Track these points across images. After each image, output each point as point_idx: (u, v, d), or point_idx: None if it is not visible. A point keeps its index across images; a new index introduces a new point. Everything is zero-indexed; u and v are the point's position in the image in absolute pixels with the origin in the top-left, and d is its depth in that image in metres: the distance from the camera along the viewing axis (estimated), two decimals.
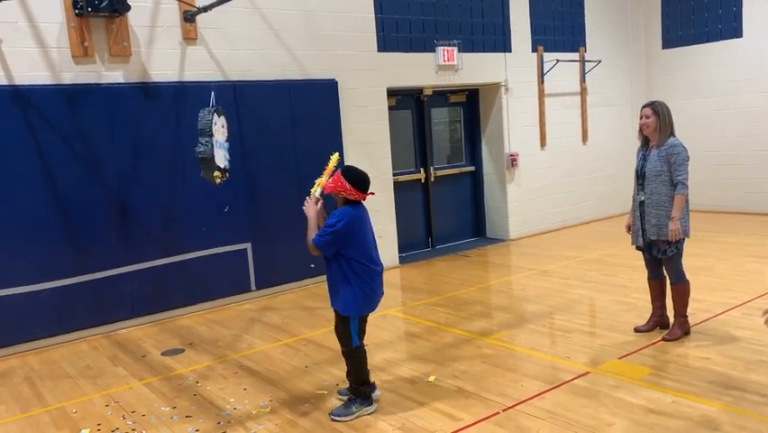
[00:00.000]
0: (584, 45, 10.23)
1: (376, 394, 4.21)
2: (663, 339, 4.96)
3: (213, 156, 5.18)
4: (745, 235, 8.63)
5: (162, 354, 5.57)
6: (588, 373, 4.48)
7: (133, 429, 4.10)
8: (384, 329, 5.69)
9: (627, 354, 4.75)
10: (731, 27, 10.06)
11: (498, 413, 3.95)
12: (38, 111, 5.82)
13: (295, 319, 6.28)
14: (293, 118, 7.28)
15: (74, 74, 6.04)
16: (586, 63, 10.14)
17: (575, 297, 6.39)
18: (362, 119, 7.92)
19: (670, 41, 10.88)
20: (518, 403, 4.07)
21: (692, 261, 7.28)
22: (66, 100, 5.97)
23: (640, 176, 4.92)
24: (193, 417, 4.23)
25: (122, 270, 6.27)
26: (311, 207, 4.02)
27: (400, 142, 8.78)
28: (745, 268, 6.91)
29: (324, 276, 4.16)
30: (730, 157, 10.26)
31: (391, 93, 8.36)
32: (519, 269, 8.07)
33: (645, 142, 4.96)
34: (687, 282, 4.97)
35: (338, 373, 4.79)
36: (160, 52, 6.47)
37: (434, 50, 8.52)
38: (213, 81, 6.72)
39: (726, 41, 10.15)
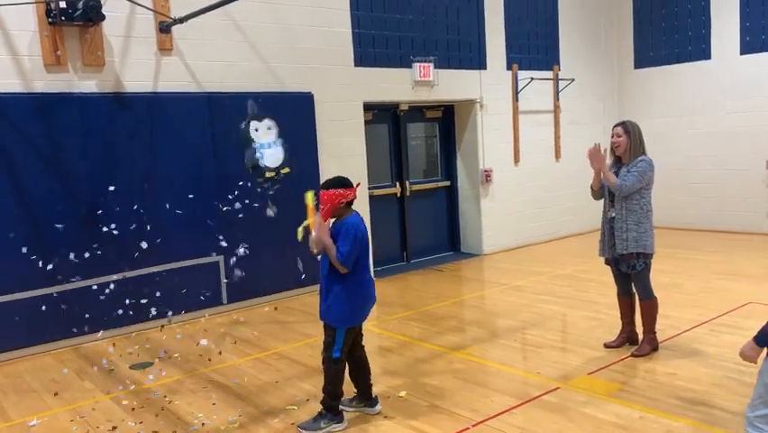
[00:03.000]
0: (558, 64, 10.39)
1: (377, 408, 4.21)
2: (632, 355, 5.01)
3: (257, 160, 5.27)
4: (713, 253, 8.80)
5: (131, 367, 5.48)
6: (558, 388, 4.51)
7: None
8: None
9: (597, 370, 4.80)
10: (700, 49, 10.31)
11: (468, 429, 3.95)
12: (8, 119, 5.74)
13: (266, 334, 6.23)
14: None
15: (45, 82, 5.97)
16: (560, 81, 10.30)
17: (546, 312, 6.44)
18: (338, 133, 7.94)
19: (642, 61, 11.11)
20: (488, 418, 4.08)
21: (660, 277, 7.39)
22: (37, 109, 5.89)
23: (611, 193, 4.98)
24: (160, 432, 4.16)
25: (91, 281, 6.16)
26: (321, 236, 3.87)
27: (376, 156, 8.81)
28: (712, 285, 7.03)
29: (292, 290, 4.13)
30: (699, 176, 10.47)
31: (368, 107, 8.40)
32: (492, 284, 8.12)
33: (617, 161, 5.03)
34: (655, 299, 5.04)
35: (309, 387, 4.76)
36: (134, 62, 6.43)
37: (410, 66, 8.59)
38: (187, 92, 6.70)
39: (695, 63, 10.39)
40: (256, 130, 5.27)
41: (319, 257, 4.03)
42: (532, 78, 9.81)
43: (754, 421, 2.86)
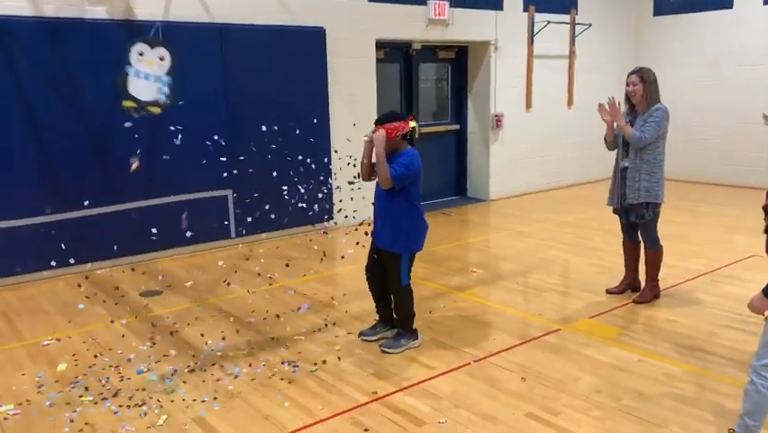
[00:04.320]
0: (576, 7, 10.14)
1: (416, 342, 4.37)
2: (634, 301, 5.09)
3: (126, 85, 5.03)
4: (724, 207, 8.79)
5: (140, 294, 5.60)
6: (558, 330, 4.60)
7: (110, 366, 4.15)
8: (362, 280, 5.74)
9: (598, 315, 4.88)
10: None
11: (470, 363, 4.06)
12: (17, 42, 5.68)
13: (274, 267, 6.32)
14: (279, 64, 7.18)
15: (56, 6, 5.87)
16: (576, 26, 10.07)
17: (550, 257, 6.51)
18: (349, 70, 7.84)
19: (661, 8, 10.84)
20: (490, 355, 4.18)
21: (667, 227, 7.40)
22: (47, 34, 5.82)
23: (625, 142, 4.95)
24: (169, 356, 4.29)
25: (103, 210, 6.23)
26: (377, 140, 4.01)
27: (386, 95, 8.70)
28: (719, 237, 7.06)
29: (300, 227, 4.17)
30: (714, 128, 10.36)
31: (380, 45, 8.26)
32: (497, 228, 8.17)
33: (631, 109, 4.97)
34: (661, 248, 5.08)
35: (316, 319, 4.87)
36: None
37: (425, 4, 8.40)
38: (198, 22, 6.59)
39: (716, 12, 10.13)
40: (140, 54, 5.09)
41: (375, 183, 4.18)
42: (548, 22, 9.60)
43: (759, 370, 2.92)
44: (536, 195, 10.03)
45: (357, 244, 4.89)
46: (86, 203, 6.08)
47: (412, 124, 4.18)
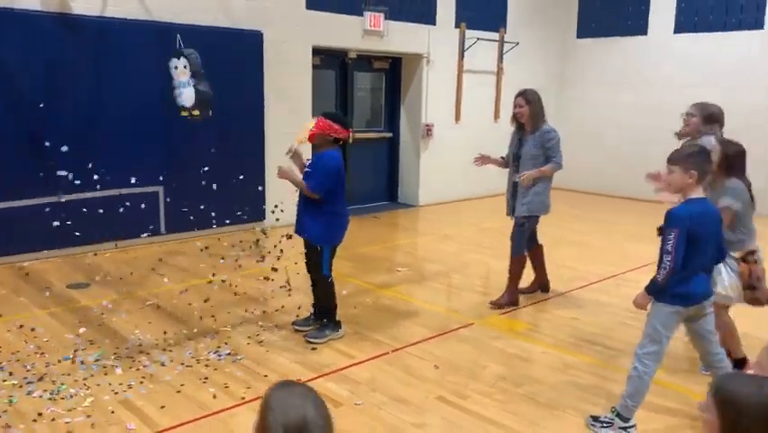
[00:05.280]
0: (505, 27, 10.68)
1: (340, 333, 4.60)
2: (490, 303, 5.30)
3: (175, 96, 5.34)
4: (625, 216, 9.47)
5: (67, 286, 5.61)
6: (473, 324, 4.95)
7: (36, 352, 4.20)
8: (294, 276, 5.94)
9: (509, 311, 5.26)
10: (638, 24, 10.80)
11: (388, 353, 4.34)
12: None
13: (203, 263, 6.42)
14: (217, 65, 7.28)
15: None
16: (505, 44, 10.60)
17: (472, 260, 6.89)
18: (286, 74, 8.03)
19: (584, 31, 11.55)
20: (407, 346, 4.48)
21: (573, 235, 7.99)
22: None
23: (516, 158, 5.26)
24: (96, 343, 4.37)
25: (30, 201, 6.18)
26: (286, 173, 4.34)
27: (322, 101, 8.93)
28: (621, 245, 7.62)
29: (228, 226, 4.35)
30: (624, 145, 11.07)
31: (316, 52, 8.50)
32: (425, 233, 8.52)
33: (520, 127, 5.26)
34: (524, 257, 5.34)
35: (241, 312, 5.04)
36: None
37: (361, 15, 8.70)
38: (136, 20, 6.65)
39: (633, 37, 10.88)
40: (175, 68, 5.44)
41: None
42: (478, 39, 10.08)
43: (642, 357, 3.32)
44: (463, 202, 10.46)
45: (290, 237, 4.99)
46: (14, 194, 6.06)
47: (348, 138, 4.44)
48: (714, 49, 9.98)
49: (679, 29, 10.38)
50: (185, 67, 5.45)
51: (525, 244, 5.34)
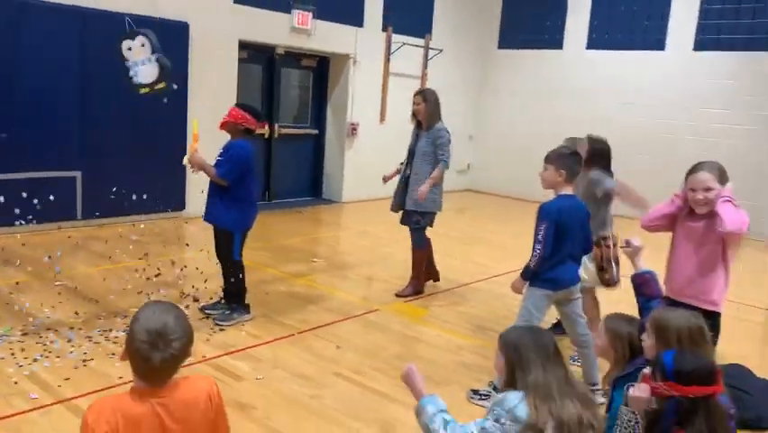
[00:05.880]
0: (430, 33, 11.10)
1: (247, 317, 4.79)
2: (396, 294, 5.62)
3: (131, 76, 5.36)
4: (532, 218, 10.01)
5: None
6: (377, 310, 5.26)
7: None
8: (206, 263, 6.08)
9: (413, 300, 5.60)
10: (555, 38, 11.45)
11: (294, 334, 4.59)
12: None
13: (119, 249, 6.47)
14: None
15: None
16: (429, 50, 11.03)
17: (385, 254, 7.21)
18: (211, 67, 8.13)
19: (505, 42, 12.13)
20: (313, 328, 4.74)
21: (486, 234, 8.45)
22: None
23: (411, 153, 5.60)
24: (3, 320, 4.41)
25: None
26: (197, 161, 4.50)
27: (247, 95, 9.06)
28: (528, 244, 8.11)
29: (143, 214, 4.49)
30: (536, 154, 11.67)
31: (243, 46, 8.63)
32: (345, 227, 8.81)
33: (419, 125, 5.57)
34: (425, 251, 5.71)
35: (156, 295, 5.16)
36: None
37: (289, 12, 8.90)
38: (59, 3, 6.63)
39: (549, 50, 11.53)
40: (129, 49, 5.51)
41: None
42: (404, 43, 10.45)
43: None
44: (385, 201, 10.70)
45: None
46: None
47: (261, 130, 4.66)
48: (620, 65, 10.70)
49: (591, 45, 11.08)
50: (142, 45, 5.50)
51: (425, 238, 5.68)
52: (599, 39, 10.99)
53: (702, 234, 3.21)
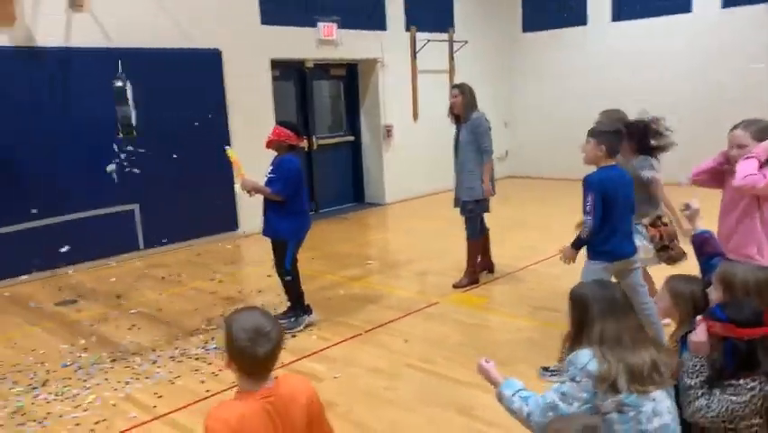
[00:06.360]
0: (452, 27, 11.20)
1: (313, 315, 5.02)
2: (453, 286, 5.76)
3: (131, 118, 5.67)
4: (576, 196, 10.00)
5: (55, 304, 5.92)
6: (437, 303, 5.41)
7: (36, 363, 4.54)
8: (265, 278, 6.32)
9: (469, 290, 5.73)
10: (577, 14, 11.41)
11: (361, 334, 4.77)
12: None
13: (182, 273, 6.79)
14: (179, 86, 7.66)
15: None
16: (454, 43, 11.13)
17: (435, 249, 7.34)
18: (246, 88, 8.40)
19: (528, 25, 12.14)
20: (378, 326, 4.92)
21: (534, 219, 8.50)
22: None
23: (456, 148, 5.76)
24: (91, 350, 4.72)
25: (9, 228, 6.46)
26: (250, 184, 4.78)
27: (283, 111, 9.32)
28: (574, 222, 8.15)
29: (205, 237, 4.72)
30: (569, 131, 11.61)
31: (275, 64, 8.89)
32: (392, 228, 8.98)
33: (457, 120, 5.75)
34: (479, 241, 5.85)
35: (225, 311, 5.41)
36: (45, 18, 6.65)
37: (315, 26, 9.13)
38: (99, 47, 6.98)
39: (573, 28, 11.49)
40: (126, 89, 5.91)
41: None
42: (428, 40, 10.58)
43: None
44: (428, 197, 10.91)
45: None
46: None
47: (302, 144, 4.89)
48: (649, 34, 10.61)
49: (616, 17, 11.01)
50: (130, 90, 5.86)
51: (479, 228, 5.81)
52: (624, 10, 10.92)
53: (737, 190, 3.28)
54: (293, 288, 4.95)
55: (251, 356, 1.87)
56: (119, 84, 5.78)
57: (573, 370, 2.19)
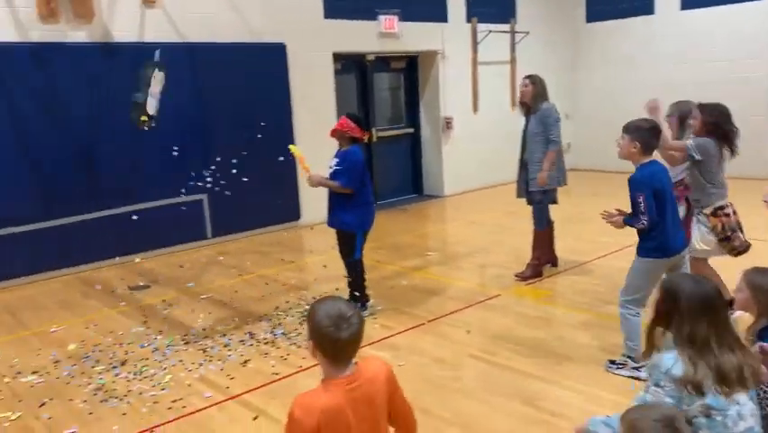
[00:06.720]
0: (514, 17, 11.08)
1: (369, 303, 5.14)
2: (515, 275, 5.77)
3: (145, 103, 5.79)
4: None
5: (130, 288, 6.21)
6: (498, 295, 5.42)
7: (114, 343, 4.79)
8: (328, 267, 6.45)
9: (533, 282, 5.71)
10: (645, 3, 11.10)
11: (424, 324, 4.84)
12: (6, 66, 6.26)
13: (249, 261, 7.00)
14: (245, 78, 7.88)
15: (40, 33, 6.48)
16: (516, 34, 11.01)
17: (496, 241, 7.34)
18: (309, 81, 8.57)
19: (593, 14, 11.88)
20: (441, 317, 4.97)
21: (594, 212, 8.33)
22: (33, 56, 6.41)
23: (523, 138, 5.74)
24: (164, 333, 4.95)
25: (87, 216, 6.81)
26: (317, 180, 4.87)
27: (345, 103, 9.44)
28: None
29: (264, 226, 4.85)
30: (622, 124, 11.35)
31: (337, 57, 9.01)
32: (451, 220, 9.00)
33: (527, 111, 5.72)
34: (545, 231, 5.81)
35: (293, 299, 5.59)
36: (120, 14, 6.94)
37: (376, 19, 9.20)
38: (170, 42, 7.24)
39: (640, 17, 11.19)
40: (154, 77, 5.98)
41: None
42: (490, 31, 10.50)
43: (624, 303, 3.78)
44: (486, 190, 10.88)
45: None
46: (73, 210, 6.69)
47: (364, 137, 4.95)
48: (720, 22, 10.24)
49: (685, 5, 10.66)
50: (160, 80, 5.99)
51: (546, 218, 5.78)
52: None
53: None
54: (358, 277, 5.05)
55: (334, 340, 1.94)
56: (147, 68, 5.89)
57: (657, 374, 2.14)
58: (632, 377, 3.77)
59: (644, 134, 3.66)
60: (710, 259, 4.44)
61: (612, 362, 3.92)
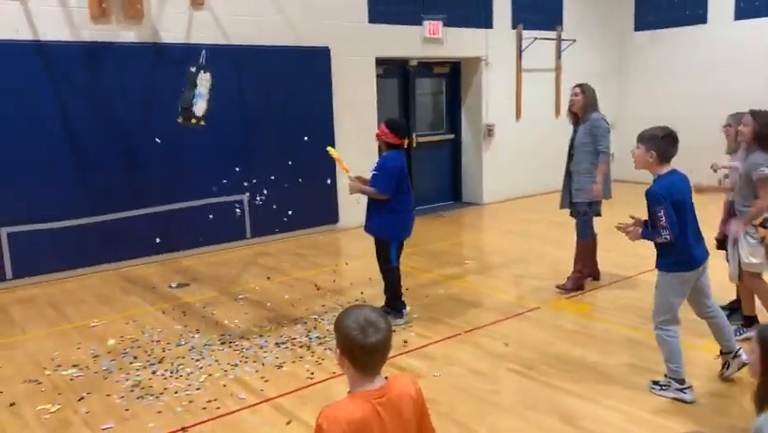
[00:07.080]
0: (561, 24, 10.91)
1: (406, 311, 5.07)
2: (557, 286, 5.67)
3: (192, 105, 5.86)
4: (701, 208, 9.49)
5: (170, 286, 6.29)
6: (538, 308, 5.30)
7: (153, 340, 4.85)
8: (366, 271, 6.42)
9: (572, 296, 5.58)
10: (697, 13, 10.81)
11: (461, 334, 4.76)
12: (58, 64, 6.42)
13: (287, 263, 7.03)
14: (289, 81, 7.92)
15: (91, 32, 6.62)
16: (562, 42, 10.84)
17: (536, 251, 7.21)
18: (352, 85, 8.57)
19: (641, 24, 11.62)
20: (478, 328, 4.89)
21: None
22: (84, 56, 6.55)
23: (571, 148, 5.63)
24: (202, 332, 4.98)
25: (129, 213, 6.93)
26: (356, 187, 4.89)
27: (386, 108, 9.42)
28: None
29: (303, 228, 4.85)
30: (683, 136, 11.01)
31: (379, 62, 9.00)
32: (489, 228, 8.88)
33: (576, 120, 5.61)
34: (589, 243, 5.68)
35: (329, 303, 5.58)
36: (169, 16, 7.06)
37: (420, 24, 9.16)
38: (216, 44, 7.32)
39: (692, 27, 10.90)
40: (200, 78, 6.03)
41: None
42: (535, 38, 10.36)
43: (659, 325, 3.64)
44: (527, 199, 10.71)
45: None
46: (116, 207, 6.82)
47: (402, 144, 4.87)
48: None
49: (740, 15, 10.35)
50: (207, 81, 6.04)
51: (590, 230, 5.65)
52: (748, 7, 10.23)
53: None
54: (393, 284, 5.00)
55: (362, 346, 1.88)
56: (193, 69, 5.96)
57: None
58: (676, 399, 3.64)
59: (659, 143, 3.55)
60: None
61: (656, 382, 3.79)
